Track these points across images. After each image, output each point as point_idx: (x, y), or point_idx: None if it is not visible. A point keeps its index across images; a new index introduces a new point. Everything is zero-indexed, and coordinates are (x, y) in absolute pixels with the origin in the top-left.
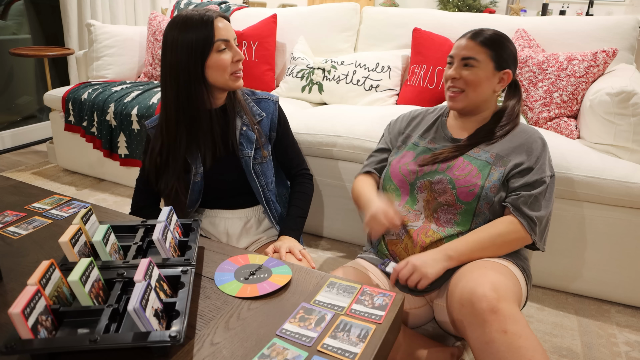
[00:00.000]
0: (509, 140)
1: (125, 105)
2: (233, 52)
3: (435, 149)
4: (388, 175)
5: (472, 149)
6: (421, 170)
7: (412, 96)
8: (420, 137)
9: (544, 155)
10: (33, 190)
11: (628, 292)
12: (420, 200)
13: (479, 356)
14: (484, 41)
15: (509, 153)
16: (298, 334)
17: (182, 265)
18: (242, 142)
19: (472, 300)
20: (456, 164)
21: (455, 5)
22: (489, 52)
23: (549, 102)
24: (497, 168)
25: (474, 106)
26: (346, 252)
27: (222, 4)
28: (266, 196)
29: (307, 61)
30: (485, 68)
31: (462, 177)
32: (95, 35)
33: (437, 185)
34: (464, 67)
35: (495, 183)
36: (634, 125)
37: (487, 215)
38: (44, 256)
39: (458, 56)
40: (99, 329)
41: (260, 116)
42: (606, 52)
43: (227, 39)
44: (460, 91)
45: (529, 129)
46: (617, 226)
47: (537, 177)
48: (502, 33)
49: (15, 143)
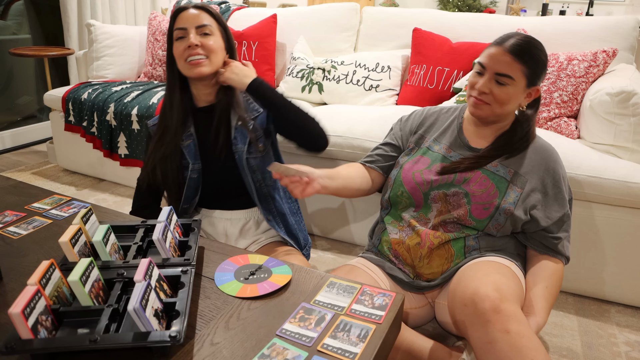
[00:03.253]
0: (528, 157)
1: (125, 105)
2: (187, 39)
3: (450, 157)
4: (400, 180)
5: (491, 161)
6: (437, 180)
7: (412, 96)
8: (435, 140)
9: (563, 182)
10: (33, 190)
11: (628, 292)
12: (434, 209)
13: (481, 356)
14: (523, 57)
15: (527, 171)
16: (298, 334)
17: (182, 265)
18: (236, 136)
19: (474, 300)
20: (473, 177)
21: (455, 5)
22: (525, 70)
23: (549, 102)
24: (514, 187)
25: (497, 117)
26: (346, 252)
27: (222, 4)
28: (262, 192)
29: (307, 61)
30: (517, 86)
31: (479, 193)
32: (95, 35)
33: (452, 198)
34: (495, 83)
35: (510, 206)
36: (634, 125)
37: (495, 233)
38: (44, 256)
39: (491, 69)
40: (99, 329)
41: (258, 112)
42: (606, 52)
43: (183, 27)
44: (485, 102)
45: (547, 145)
46: (617, 226)
47: (561, 212)
48: (537, 42)
49: (15, 143)
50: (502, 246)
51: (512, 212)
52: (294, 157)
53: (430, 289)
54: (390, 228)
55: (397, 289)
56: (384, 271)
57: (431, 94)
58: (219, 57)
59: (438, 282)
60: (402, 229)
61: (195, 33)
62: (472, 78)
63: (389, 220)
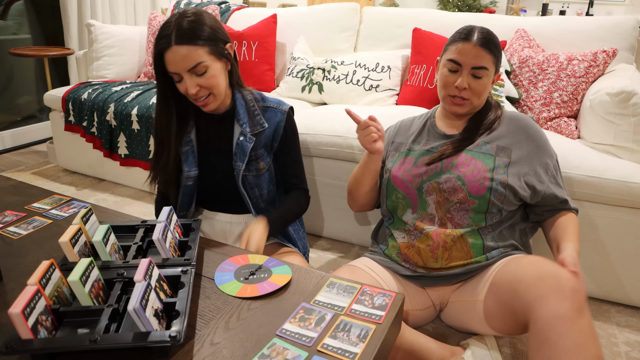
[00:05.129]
0: (506, 130)
1: (125, 105)
2: (185, 85)
3: (431, 149)
4: (391, 185)
5: (471, 142)
6: (426, 172)
7: (412, 96)
8: (414, 142)
9: (544, 139)
10: (33, 190)
11: (628, 292)
12: (431, 202)
13: (543, 328)
14: (490, 47)
15: (509, 143)
16: (298, 334)
17: (182, 265)
18: (237, 152)
19: (558, 275)
20: (460, 160)
21: (455, 5)
22: (493, 59)
23: (549, 102)
24: (501, 159)
25: (474, 110)
26: (346, 252)
27: (222, 4)
28: (259, 207)
29: (307, 61)
30: (490, 75)
31: (470, 172)
32: (95, 35)
33: (445, 185)
34: (472, 77)
35: (503, 175)
36: (634, 125)
37: (501, 207)
38: (44, 256)
39: (467, 65)
40: (99, 329)
41: (262, 127)
42: (606, 52)
43: (176, 72)
44: (464, 99)
45: (519, 114)
46: (617, 226)
47: (550, 162)
48: (493, 32)
49: (15, 143)
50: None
51: (507, 181)
52: None
53: (448, 280)
54: (397, 233)
55: (408, 286)
56: (391, 271)
57: (431, 94)
58: (222, 85)
59: (460, 272)
60: (409, 232)
61: (190, 77)
62: (446, 77)
63: (395, 227)
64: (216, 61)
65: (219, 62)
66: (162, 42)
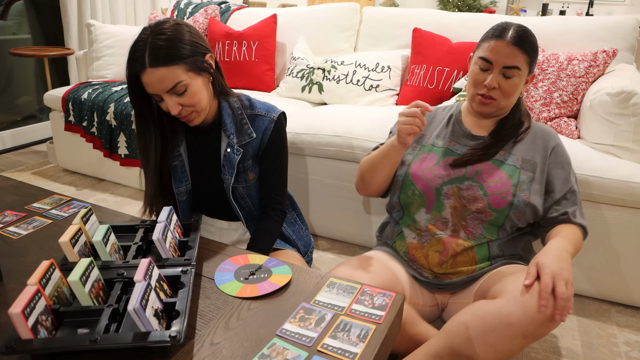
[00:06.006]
0: (532, 142)
1: (125, 105)
2: (166, 105)
3: (456, 150)
4: (409, 179)
5: (499, 149)
6: (448, 175)
7: (412, 96)
8: (437, 136)
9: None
10: (33, 190)
11: (628, 292)
12: (448, 207)
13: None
14: (524, 46)
15: (534, 155)
16: (298, 334)
17: (182, 265)
18: (225, 164)
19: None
20: (484, 169)
21: (455, 5)
22: (527, 58)
23: (549, 102)
24: (526, 172)
25: (502, 111)
26: (346, 252)
27: (222, 3)
28: (252, 215)
29: (307, 61)
30: (522, 76)
31: (493, 184)
32: (95, 35)
33: (466, 192)
34: (503, 77)
35: (525, 192)
36: (634, 125)
37: (516, 223)
38: (44, 256)
39: (499, 63)
40: (99, 329)
41: (250, 137)
42: (606, 52)
43: (156, 94)
44: (492, 99)
45: (547, 130)
46: (617, 226)
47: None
48: (528, 28)
49: (15, 143)
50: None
51: (529, 200)
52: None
53: (451, 288)
54: (407, 232)
55: (414, 286)
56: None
57: (431, 94)
58: (204, 100)
59: (463, 280)
60: (420, 233)
61: (170, 97)
62: (476, 75)
63: (406, 223)
64: (196, 77)
65: (199, 77)
66: (135, 64)
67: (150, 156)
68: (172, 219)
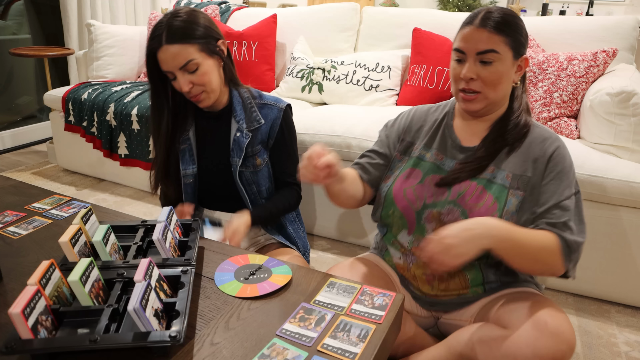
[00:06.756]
0: (525, 153)
1: (125, 105)
2: (178, 83)
3: (443, 165)
4: (391, 198)
5: (492, 160)
6: (431, 196)
7: (412, 96)
8: (425, 147)
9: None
10: (33, 190)
11: (628, 292)
12: (430, 230)
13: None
14: (498, 26)
15: (526, 169)
16: (298, 334)
17: (182, 265)
18: (234, 148)
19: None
20: (468, 190)
21: (455, 5)
22: (506, 39)
23: (549, 102)
24: (516, 192)
25: (493, 105)
26: (346, 252)
27: (222, 3)
28: (257, 203)
29: (307, 61)
30: (504, 60)
31: (477, 209)
32: (95, 35)
33: (447, 217)
34: (480, 64)
35: (513, 215)
36: (634, 125)
37: None
38: (44, 256)
39: (471, 51)
40: (99, 329)
41: (259, 123)
42: (606, 52)
43: (169, 71)
44: (475, 92)
45: (549, 133)
46: (617, 226)
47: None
48: (511, 10)
49: (15, 143)
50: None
51: (515, 219)
52: None
53: (444, 307)
54: (392, 250)
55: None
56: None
57: (431, 94)
58: (215, 82)
59: (456, 301)
60: (404, 252)
61: (183, 74)
62: (454, 70)
63: (390, 241)
64: (207, 58)
65: (210, 59)
66: (153, 42)
67: (162, 128)
68: (172, 219)
